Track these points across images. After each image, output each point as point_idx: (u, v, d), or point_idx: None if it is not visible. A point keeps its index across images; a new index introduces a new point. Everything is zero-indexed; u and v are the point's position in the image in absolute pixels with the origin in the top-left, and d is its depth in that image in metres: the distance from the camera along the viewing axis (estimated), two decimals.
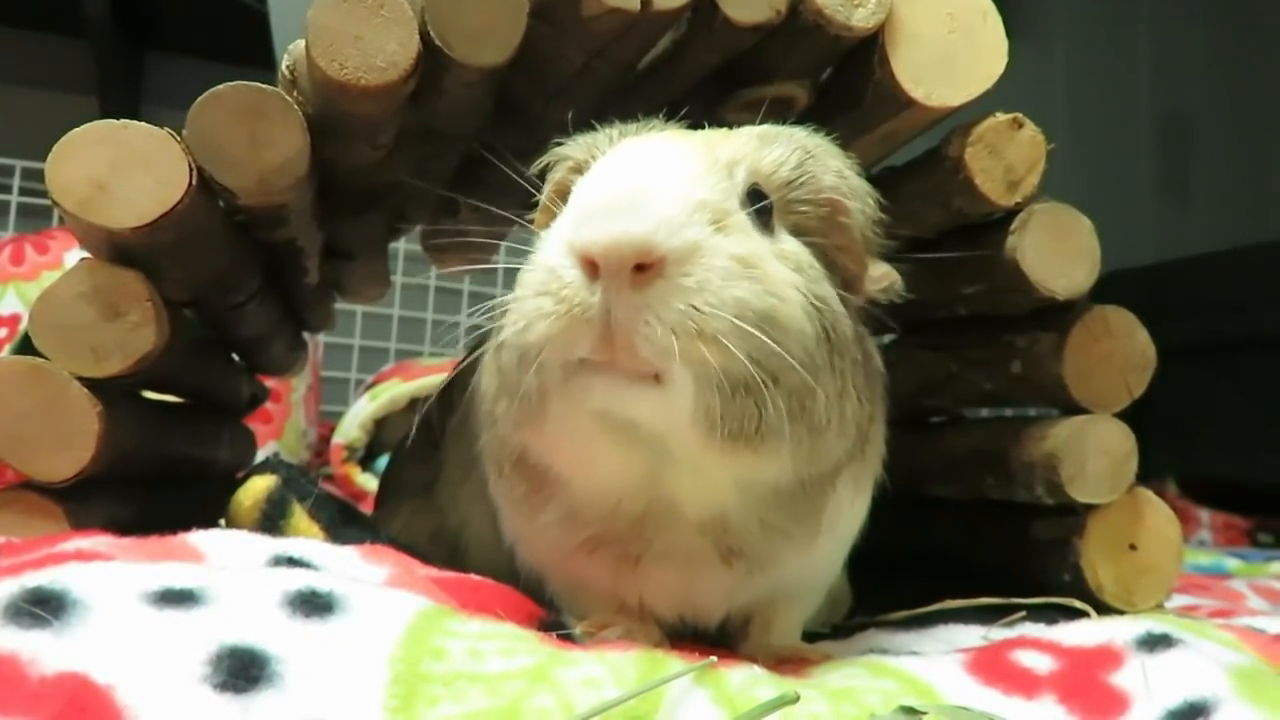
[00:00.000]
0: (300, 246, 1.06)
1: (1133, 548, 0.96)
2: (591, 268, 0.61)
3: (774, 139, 0.74)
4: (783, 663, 0.73)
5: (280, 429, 2.41)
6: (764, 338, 0.62)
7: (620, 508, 0.71)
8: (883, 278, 0.76)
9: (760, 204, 0.70)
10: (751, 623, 0.81)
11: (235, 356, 1.31)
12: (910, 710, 0.57)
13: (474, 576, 0.79)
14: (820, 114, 0.87)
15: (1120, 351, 0.96)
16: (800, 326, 0.65)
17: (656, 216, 0.61)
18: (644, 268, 0.60)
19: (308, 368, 2.37)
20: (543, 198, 0.79)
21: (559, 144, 0.79)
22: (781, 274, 0.66)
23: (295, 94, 0.83)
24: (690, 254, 0.62)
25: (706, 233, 0.63)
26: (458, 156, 1.10)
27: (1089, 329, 0.95)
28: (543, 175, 0.80)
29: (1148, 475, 0.97)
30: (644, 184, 0.63)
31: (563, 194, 0.74)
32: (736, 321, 0.61)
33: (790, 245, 0.70)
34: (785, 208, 0.72)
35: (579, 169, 0.75)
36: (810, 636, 0.88)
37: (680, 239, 0.61)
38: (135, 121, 0.79)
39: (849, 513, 0.80)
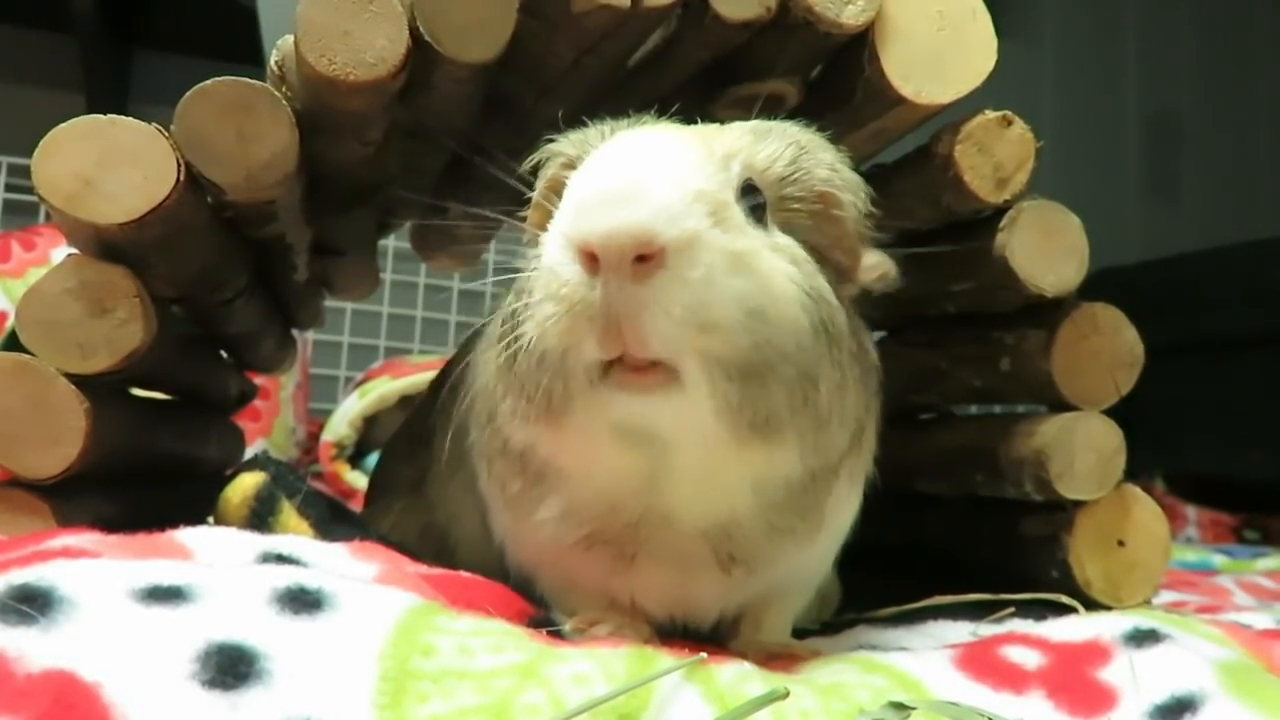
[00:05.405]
0: (289, 243, 1.06)
1: (1120, 544, 0.96)
2: (591, 260, 0.60)
3: (767, 134, 0.74)
4: (772, 659, 0.73)
5: (269, 426, 2.40)
6: (763, 331, 0.62)
7: (616, 510, 0.71)
8: (877, 266, 0.77)
9: (756, 200, 0.70)
10: (742, 619, 0.81)
11: (223, 353, 1.31)
12: (899, 706, 0.57)
13: (463, 573, 0.79)
14: (810, 111, 0.87)
15: (1108, 349, 0.96)
16: (797, 320, 0.65)
17: (655, 205, 0.60)
18: (644, 259, 0.60)
19: (297, 365, 2.37)
20: (535, 194, 0.78)
21: (551, 140, 0.78)
22: (777, 267, 0.66)
23: (284, 90, 0.83)
24: (690, 244, 0.61)
25: (705, 224, 0.62)
26: (447, 153, 1.10)
27: (1077, 326, 0.95)
28: (534, 172, 0.80)
29: (1135, 472, 0.98)
30: (641, 174, 0.63)
31: (556, 190, 0.73)
32: (737, 315, 0.61)
33: (784, 239, 0.70)
34: (778, 203, 0.72)
35: (572, 164, 0.74)
36: (800, 633, 0.88)
37: (680, 228, 0.61)
38: (123, 117, 0.78)
39: (845, 507, 0.80)
